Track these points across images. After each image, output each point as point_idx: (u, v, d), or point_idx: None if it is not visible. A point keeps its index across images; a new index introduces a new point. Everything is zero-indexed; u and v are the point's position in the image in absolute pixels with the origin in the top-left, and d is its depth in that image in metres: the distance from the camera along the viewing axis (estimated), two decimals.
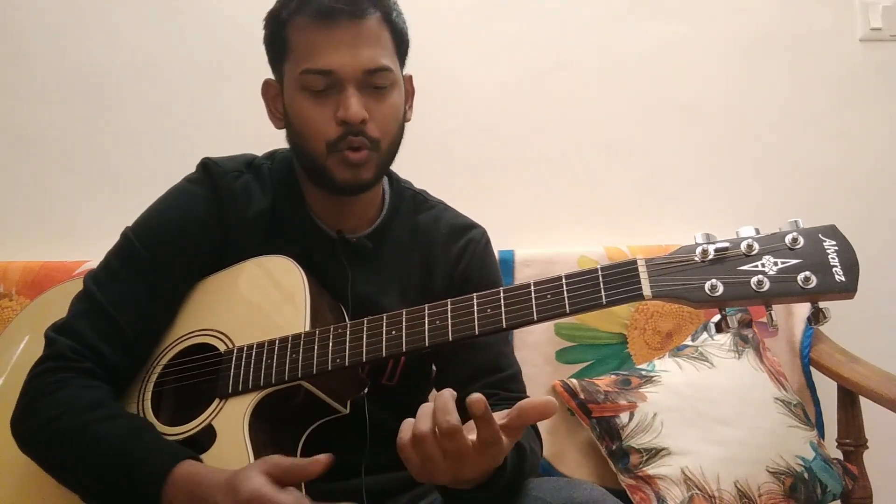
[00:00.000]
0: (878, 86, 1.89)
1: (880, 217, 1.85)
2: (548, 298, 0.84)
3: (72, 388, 0.93)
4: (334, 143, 1.00)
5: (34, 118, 1.77)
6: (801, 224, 0.79)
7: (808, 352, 1.65)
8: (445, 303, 0.89)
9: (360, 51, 0.99)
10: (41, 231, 1.75)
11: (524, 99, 1.84)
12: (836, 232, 0.78)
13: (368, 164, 1.02)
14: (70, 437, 0.90)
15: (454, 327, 0.87)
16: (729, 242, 0.80)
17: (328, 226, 1.09)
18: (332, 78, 0.99)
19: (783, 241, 0.78)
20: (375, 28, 1.01)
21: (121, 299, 1.00)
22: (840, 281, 0.75)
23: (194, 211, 1.06)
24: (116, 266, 1.03)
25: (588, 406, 1.48)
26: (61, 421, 0.91)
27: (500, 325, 0.85)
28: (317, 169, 1.03)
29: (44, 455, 0.94)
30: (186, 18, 1.80)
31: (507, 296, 0.86)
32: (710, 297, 0.79)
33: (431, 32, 1.80)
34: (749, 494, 1.37)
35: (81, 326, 0.98)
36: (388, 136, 1.04)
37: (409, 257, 1.13)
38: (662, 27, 1.86)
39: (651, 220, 1.83)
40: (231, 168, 1.09)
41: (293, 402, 0.95)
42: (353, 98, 0.99)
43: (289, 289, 0.99)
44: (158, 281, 1.02)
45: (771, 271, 0.78)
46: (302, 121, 1.02)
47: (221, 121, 1.76)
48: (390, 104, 1.03)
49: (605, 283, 0.82)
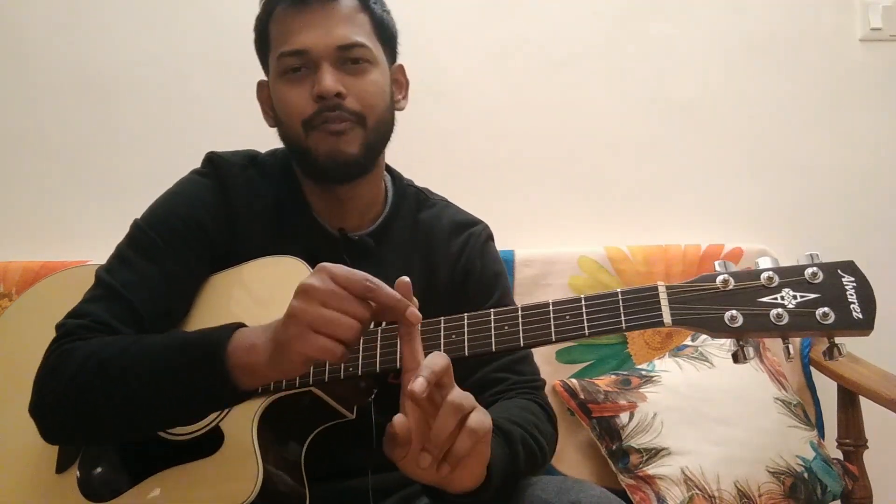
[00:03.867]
0: (878, 86, 1.89)
1: (880, 217, 1.85)
2: (566, 319, 0.83)
3: (93, 342, 0.90)
4: (310, 121, 1.01)
5: (34, 118, 1.78)
6: (820, 257, 0.80)
7: (808, 352, 1.65)
8: (462, 317, 0.88)
9: (333, 29, 1.01)
10: (41, 231, 1.75)
11: (525, 99, 1.84)
12: (854, 268, 0.78)
13: (351, 136, 1.01)
14: (113, 360, 0.86)
15: (470, 342, 0.86)
16: (749, 273, 0.80)
17: (330, 224, 1.09)
18: (305, 57, 1.01)
19: (803, 275, 0.78)
20: (349, 10, 1.03)
21: (133, 281, 0.98)
22: (857, 318, 0.76)
23: (204, 199, 1.06)
24: (128, 253, 1.02)
25: (588, 406, 1.48)
26: (98, 356, 0.86)
27: (518, 343, 0.84)
28: (300, 153, 1.04)
29: (82, 399, 0.87)
30: (187, 18, 1.80)
31: (526, 314, 0.85)
32: (729, 328, 0.79)
33: (431, 33, 1.80)
34: (749, 494, 1.37)
35: (93, 308, 0.95)
36: (373, 112, 1.03)
37: (412, 255, 1.12)
38: (663, 27, 1.86)
39: (651, 220, 1.83)
40: (236, 161, 1.10)
41: (300, 406, 0.94)
42: (328, 73, 1.00)
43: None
44: (172, 264, 1.00)
45: (790, 304, 0.78)
46: (282, 105, 1.04)
47: (222, 120, 1.76)
48: (370, 80, 1.03)
49: (625, 307, 0.82)
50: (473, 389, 1.01)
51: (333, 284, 0.74)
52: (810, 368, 1.64)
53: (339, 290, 0.73)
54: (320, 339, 0.73)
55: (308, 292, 0.74)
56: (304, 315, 0.73)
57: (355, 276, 0.74)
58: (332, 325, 0.73)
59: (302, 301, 0.74)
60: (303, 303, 0.74)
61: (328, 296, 0.73)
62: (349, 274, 0.74)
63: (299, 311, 0.74)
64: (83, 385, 0.87)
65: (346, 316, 0.73)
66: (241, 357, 0.79)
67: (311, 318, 0.73)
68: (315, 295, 0.73)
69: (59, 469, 0.98)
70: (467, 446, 0.74)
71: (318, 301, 0.73)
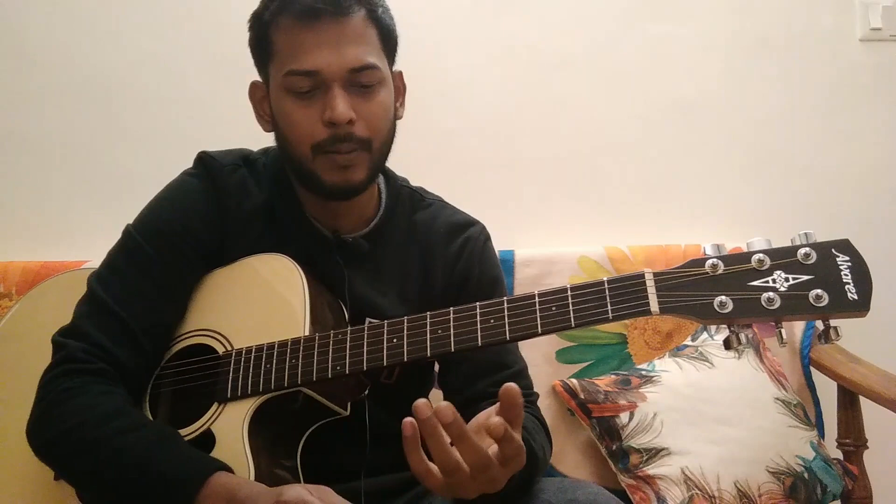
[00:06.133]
0: (878, 86, 1.89)
1: (880, 217, 1.85)
2: (552, 311, 0.82)
3: (89, 395, 0.92)
4: (320, 146, 0.98)
5: (34, 118, 1.77)
6: (814, 236, 0.77)
7: (808, 352, 1.65)
8: (448, 311, 0.87)
9: (345, 49, 0.97)
10: (41, 231, 1.75)
11: (524, 99, 1.84)
12: (849, 247, 0.76)
13: (359, 164, 1.00)
14: (93, 449, 0.88)
15: (456, 337, 0.85)
16: (739, 256, 0.78)
17: (324, 226, 1.08)
18: (317, 79, 0.97)
19: (795, 256, 0.76)
20: (360, 26, 0.99)
21: (126, 296, 0.98)
22: (852, 299, 0.73)
23: (194, 203, 1.05)
24: (120, 263, 1.02)
25: (588, 406, 1.48)
26: (82, 431, 0.89)
27: (504, 336, 0.84)
28: (304, 173, 1.02)
29: (64, 465, 0.92)
30: (187, 18, 1.80)
31: (511, 306, 0.84)
32: (718, 314, 0.76)
33: (431, 33, 1.80)
34: (749, 494, 1.37)
35: (89, 327, 0.96)
36: (379, 135, 1.02)
37: (407, 257, 1.11)
38: (663, 27, 1.86)
39: (651, 220, 1.83)
40: (227, 162, 1.08)
41: (293, 406, 0.94)
42: (339, 98, 0.97)
43: (288, 290, 0.98)
44: (163, 274, 1.01)
45: (782, 287, 0.75)
46: (288, 123, 1.01)
47: (222, 120, 1.75)
48: (378, 102, 1.01)
49: (611, 296, 0.80)
50: (469, 402, 1.01)
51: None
52: (810, 368, 1.64)
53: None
54: None
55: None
56: None
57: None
58: None
59: None
60: None
61: None
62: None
63: None
64: (63, 456, 0.91)
65: None
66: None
67: None
68: None
69: (57, 476, 0.98)
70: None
71: None
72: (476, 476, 0.74)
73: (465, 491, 0.76)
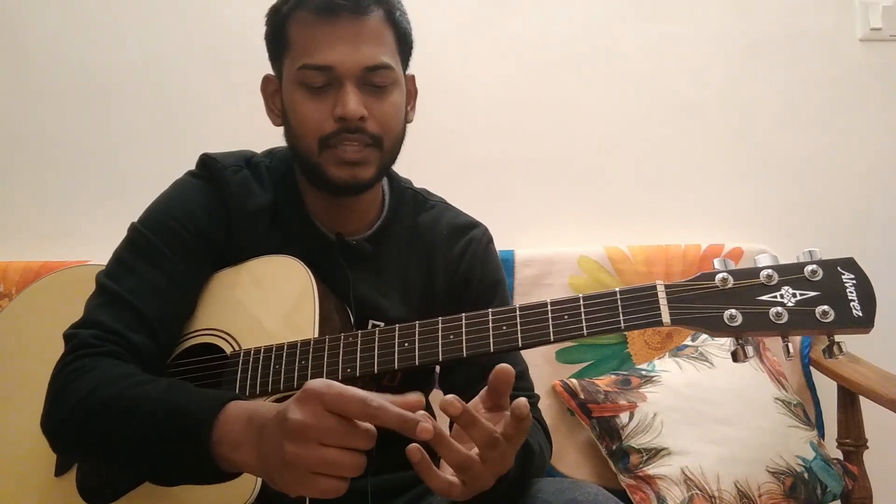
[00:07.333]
0: (878, 86, 1.89)
1: (880, 217, 1.85)
2: (565, 319, 0.83)
3: (100, 369, 0.89)
4: (327, 139, 0.99)
5: (34, 118, 1.78)
6: (818, 254, 0.79)
7: (808, 352, 1.65)
8: (460, 317, 0.87)
9: (361, 47, 0.98)
10: (41, 231, 1.76)
11: (525, 99, 1.84)
12: (854, 265, 0.78)
13: (369, 162, 1.00)
14: (109, 404, 0.85)
15: (468, 343, 0.86)
16: (748, 271, 0.80)
17: (327, 228, 1.08)
18: (330, 74, 0.98)
19: (802, 273, 0.78)
20: (377, 26, 1.00)
21: (138, 287, 0.97)
22: (857, 316, 0.76)
23: (200, 201, 1.05)
24: (128, 258, 1.01)
25: (588, 406, 1.48)
26: (96, 394, 0.86)
27: (516, 343, 0.84)
28: (310, 167, 1.02)
29: (82, 432, 0.88)
30: (187, 18, 1.80)
31: (524, 314, 0.85)
32: (728, 327, 0.79)
33: (431, 32, 1.80)
34: (749, 494, 1.37)
35: (101, 317, 0.95)
36: (390, 134, 1.02)
37: (410, 259, 1.11)
38: (663, 27, 1.86)
39: (651, 220, 1.83)
40: (230, 163, 1.08)
41: None
42: (352, 94, 0.97)
43: (297, 291, 0.98)
44: (173, 267, 1.00)
45: (789, 303, 0.78)
46: (298, 116, 1.01)
47: (222, 120, 1.76)
48: (391, 102, 1.01)
49: (623, 307, 0.82)
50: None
51: (328, 417, 0.67)
52: (810, 368, 1.64)
53: (335, 426, 0.67)
54: (322, 482, 0.68)
55: (303, 432, 0.67)
56: (303, 462, 0.67)
57: (351, 399, 0.67)
58: (334, 466, 0.67)
59: (298, 445, 0.67)
60: (299, 447, 0.67)
61: (325, 434, 0.67)
62: (343, 399, 0.67)
63: (297, 459, 0.67)
64: (80, 423, 0.87)
65: (348, 453, 0.68)
66: (225, 453, 0.76)
67: (311, 464, 0.67)
68: (311, 435, 0.67)
69: (58, 472, 0.98)
70: None
71: (316, 441, 0.67)
72: (486, 458, 0.75)
73: (483, 480, 0.76)
